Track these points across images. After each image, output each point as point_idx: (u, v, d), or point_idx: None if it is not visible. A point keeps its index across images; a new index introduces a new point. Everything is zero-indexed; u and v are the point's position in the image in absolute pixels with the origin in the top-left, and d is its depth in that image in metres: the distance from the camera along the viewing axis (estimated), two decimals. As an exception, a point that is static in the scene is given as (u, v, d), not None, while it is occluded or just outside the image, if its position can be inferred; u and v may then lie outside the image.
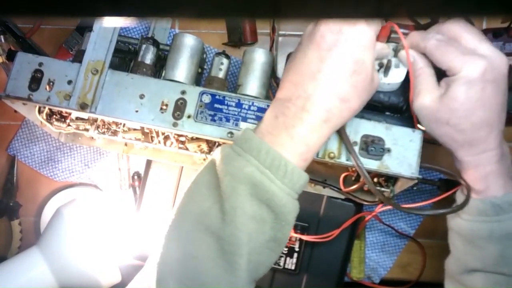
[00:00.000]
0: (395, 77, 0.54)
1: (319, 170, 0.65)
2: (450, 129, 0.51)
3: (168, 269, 0.47)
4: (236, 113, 0.55)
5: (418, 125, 0.55)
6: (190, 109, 0.55)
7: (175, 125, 0.54)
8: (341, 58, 0.47)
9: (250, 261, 0.46)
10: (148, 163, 0.74)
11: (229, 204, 0.46)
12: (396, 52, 0.54)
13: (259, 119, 0.55)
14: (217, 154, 0.49)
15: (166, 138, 0.63)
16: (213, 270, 0.45)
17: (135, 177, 0.79)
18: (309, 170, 0.64)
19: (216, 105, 0.55)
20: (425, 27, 0.54)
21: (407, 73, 0.54)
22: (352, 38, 0.47)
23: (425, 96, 0.52)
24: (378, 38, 0.51)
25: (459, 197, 0.56)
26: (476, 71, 0.49)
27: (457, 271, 0.58)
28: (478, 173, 0.53)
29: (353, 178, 0.63)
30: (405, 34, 0.53)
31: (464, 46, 0.50)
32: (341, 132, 0.53)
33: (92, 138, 0.67)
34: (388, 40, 0.53)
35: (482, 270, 0.55)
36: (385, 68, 0.54)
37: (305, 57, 0.48)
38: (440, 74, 0.52)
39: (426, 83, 0.52)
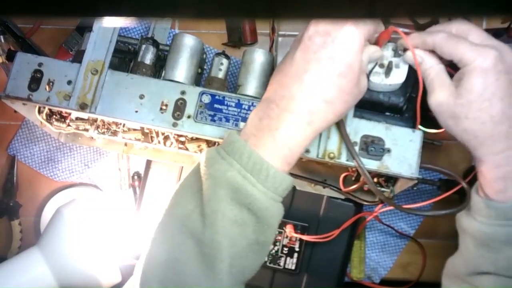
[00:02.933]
0: (397, 77, 0.54)
1: (319, 170, 0.65)
2: (470, 123, 0.50)
3: (152, 271, 0.47)
4: (235, 113, 0.55)
5: (419, 126, 0.55)
6: (190, 109, 0.55)
7: (175, 125, 0.55)
8: (327, 60, 0.46)
9: (232, 265, 0.46)
10: (148, 163, 0.74)
11: (209, 208, 0.45)
12: (396, 51, 0.54)
13: (259, 119, 0.55)
14: (202, 156, 0.48)
15: (166, 138, 0.63)
16: (193, 273, 0.45)
17: (135, 177, 0.79)
18: (309, 170, 0.65)
19: (216, 105, 0.55)
20: (424, 29, 0.54)
21: (408, 72, 0.54)
22: (340, 41, 0.46)
23: (440, 92, 0.51)
24: (378, 42, 0.51)
25: (474, 198, 0.54)
26: (489, 60, 0.48)
27: (466, 272, 0.56)
28: (498, 173, 0.51)
29: (353, 178, 0.63)
30: (406, 34, 0.53)
31: (472, 40, 0.50)
32: (341, 132, 0.53)
33: (92, 138, 0.67)
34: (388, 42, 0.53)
35: (494, 273, 0.54)
36: (386, 69, 0.54)
37: (292, 59, 0.48)
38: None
39: (439, 80, 0.51)
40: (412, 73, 0.54)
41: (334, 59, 0.46)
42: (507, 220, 0.52)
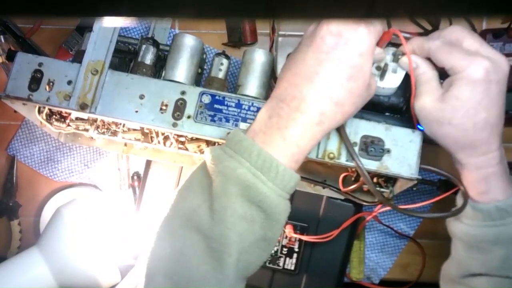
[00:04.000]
0: (391, 82, 0.54)
1: (319, 170, 0.65)
2: (452, 129, 0.51)
3: (157, 264, 0.47)
4: (236, 113, 0.55)
5: (418, 126, 0.55)
6: (190, 109, 0.55)
7: (175, 125, 0.55)
8: (339, 62, 0.47)
9: (239, 260, 0.46)
10: (148, 163, 0.74)
11: (219, 204, 0.46)
12: (395, 57, 0.54)
13: (258, 119, 0.55)
14: (207, 154, 0.49)
15: (166, 138, 0.63)
16: (200, 267, 0.46)
17: (135, 177, 0.79)
18: (309, 170, 0.65)
19: (216, 106, 0.55)
20: (428, 34, 0.54)
21: (405, 77, 0.54)
22: (352, 43, 0.47)
23: (426, 96, 0.52)
24: (379, 43, 0.51)
25: (459, 201, 0.56)
26: (480, 71, 0.49)
27: (459, 275, 0.57)
28: (479, 175, 0.53)
29: (353, 179, 0.63)
30: (407, 39, 0.53)
31: (466, 48, 0.51)
32: (341, 132, 0.53)
33: (92, 138, 0.67)
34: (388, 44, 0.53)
35: (486, 274, 0.55)
36: (381, 72, 0.54)
37: (304, 58, 0.48)
38: (442, 77, 0.53)
39: (428, 85, 0.52)
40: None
41: (346, 61, 0.47)
42: (493, 220, 0.53)
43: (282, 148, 0.47)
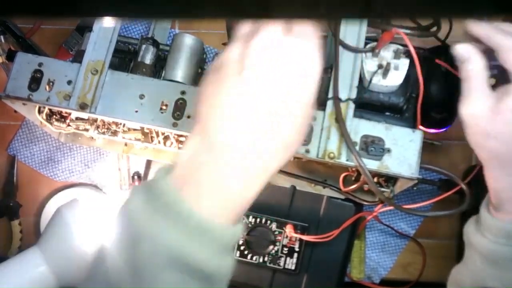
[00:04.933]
0: (393, 79, 0.54)
1: (319, 170, 0.65)
2: (498, 143, 0.46)
3: None
4: (236, 113, 0.55)
5: (420, 126, 0.55)
6: (190, 109, 0.55)
7: (175, 125, 0.55)
8: (276, 95, 0.38)
9: None
10: (148, 163, 0.74)
11: (145, 276, 0.37)
12: (396, 54, 0.54)
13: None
14: (130, 201, 0.40)
15: (166, 138, 0.63)
16: None
17: (135, 177, 0.79)
18: (309, 170, 0.65)
19: (216, 105, 0.55)
20: (427, 29, 0.54)
21: (408, 72, 0.54)
22: (289, 75, 0.38)
23: (476, 102, 0.46)
24: (380, 43, 0.51)
25: (484, 215, 0.51)
26: None
27: (471, 285, 0.54)
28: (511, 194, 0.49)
29: (353, 178, 0.63)
30: (408, 36, 0.53)
31: None
32: (342, 131, 0.53)
33: (92, 138, 0.67)
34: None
35: None
36: (384, 70, 0.54)
37: (228, 91, 0.39)
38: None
39: (478, 88, 0.47)
40: (412, 73, 0.54)
41: (284, 95, 0.38)
42: None
43: (218, 205, 0.38)
